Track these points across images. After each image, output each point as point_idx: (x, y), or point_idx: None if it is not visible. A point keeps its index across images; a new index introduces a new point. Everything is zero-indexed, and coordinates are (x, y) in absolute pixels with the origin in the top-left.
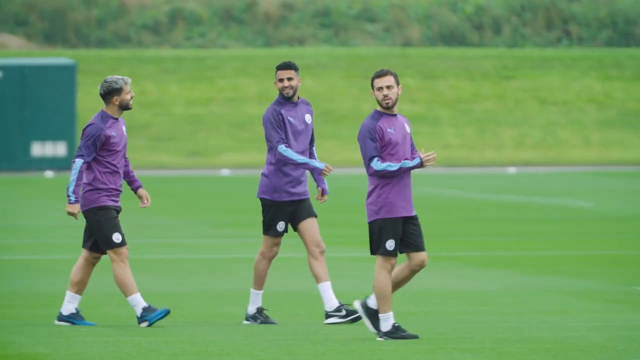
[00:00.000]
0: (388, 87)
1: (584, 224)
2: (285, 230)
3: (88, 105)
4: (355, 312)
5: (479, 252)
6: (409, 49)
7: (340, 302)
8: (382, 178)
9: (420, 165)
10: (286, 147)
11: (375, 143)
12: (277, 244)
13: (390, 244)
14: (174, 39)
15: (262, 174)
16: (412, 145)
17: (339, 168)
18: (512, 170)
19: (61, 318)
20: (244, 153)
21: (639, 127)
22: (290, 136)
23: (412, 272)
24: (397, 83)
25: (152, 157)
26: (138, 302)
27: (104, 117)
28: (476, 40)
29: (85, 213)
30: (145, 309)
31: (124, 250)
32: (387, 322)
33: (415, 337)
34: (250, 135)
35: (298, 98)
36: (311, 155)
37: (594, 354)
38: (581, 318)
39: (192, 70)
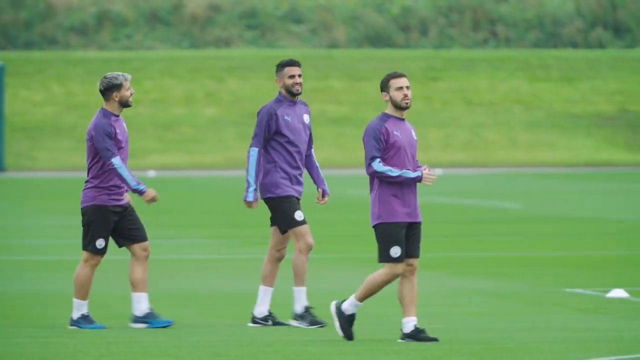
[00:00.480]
0: (407, 87)
1: (511, 225)
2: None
3: (16, 107)
4: (281, 323)
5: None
6: (334, 50)
7: (270, 311)
8: (379, 180)
9: (420, 179)
10: (258, 152)
11: (379, 144)
12: (307, 232)
13: (395, 251)
14: (100, 40)
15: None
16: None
17: None
18: (438, 171)
19: (137, 320)
20: (170, 154)
21: (566, 128)
22: (289, 135)
23: (405, 278)
24: None
25: (78, 158)
26: (82, 308)
27: (105, 114)
28: (402, 41)
29: (83, 209)
30: (84, 317)
31: (99, 258)
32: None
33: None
34: (176, 137)
35: (296, 97)
36: (309, 157)
37: (522, 355)
38: (509, 319)
39: (119, 71)
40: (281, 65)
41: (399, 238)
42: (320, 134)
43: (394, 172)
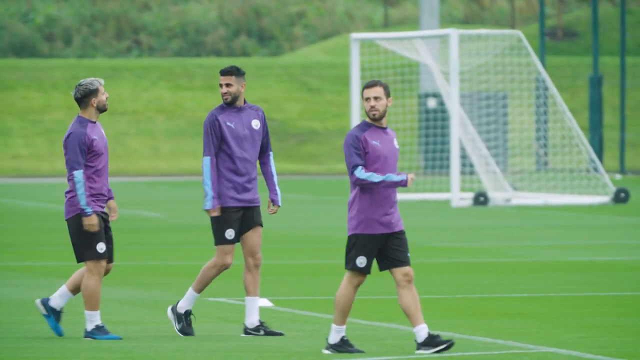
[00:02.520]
0: (375, 98)
1: (153, 234)
2: (236, 239)
3: None
4: (278, 333)
5: (54, 262)
6: None
7: (260, 321)
8: (364, 188)
9: (405, 184)
10: (210, 160)
11: (360, 151)
12: (229, 253)
13: (360, 261)
14: None
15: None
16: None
17: None
18: None
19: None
20: None
21: None
22: (231, 142)
23: (403, 288)
24: (387, 95)
25: None
26: (95, 320)
27: (82, 122)
28: (47, 50)
29: (69, 220)
30: (98, 328)
31: (103, 263)
32: (337, 334)
33: (361, 351)
34: None
35: (244, 103)
36: (265, 165)
37: None
38: (150, 328)
39: None
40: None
41: (368, 250)
42: None
43: (376, 177)
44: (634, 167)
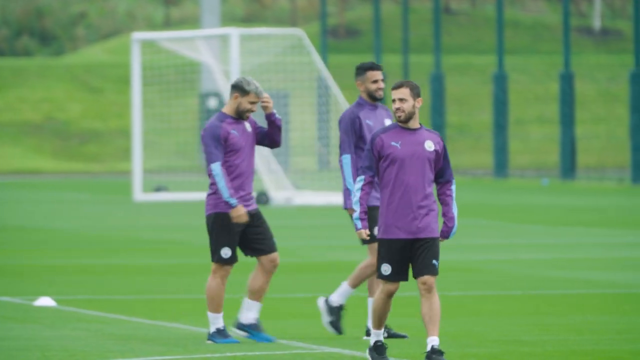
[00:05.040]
0: (401, 99)
1: None
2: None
3: None
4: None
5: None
6: None
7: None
8: (380, 189)
9: (356, 230)
10: (351, 158)
11: (370, 154)
12: None
13: (385, 269)
14: None
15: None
16: (443, 167)
17: None
18: None
19: (240, 326)
20: None
21: None
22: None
23: (422, 297)
24: (416, 96)
25: None
26: (217, 322)
27: (220, 116)
28: None
29: (206, 218)
30: (219, 331)
31: (228, 268)
32: (372, 338)
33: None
34: None
35: (377, 102)
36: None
37: None
38: None
39: None
40: (363, 69)
41: (392, 256)
42: None
43: (355, 203)
44: None
